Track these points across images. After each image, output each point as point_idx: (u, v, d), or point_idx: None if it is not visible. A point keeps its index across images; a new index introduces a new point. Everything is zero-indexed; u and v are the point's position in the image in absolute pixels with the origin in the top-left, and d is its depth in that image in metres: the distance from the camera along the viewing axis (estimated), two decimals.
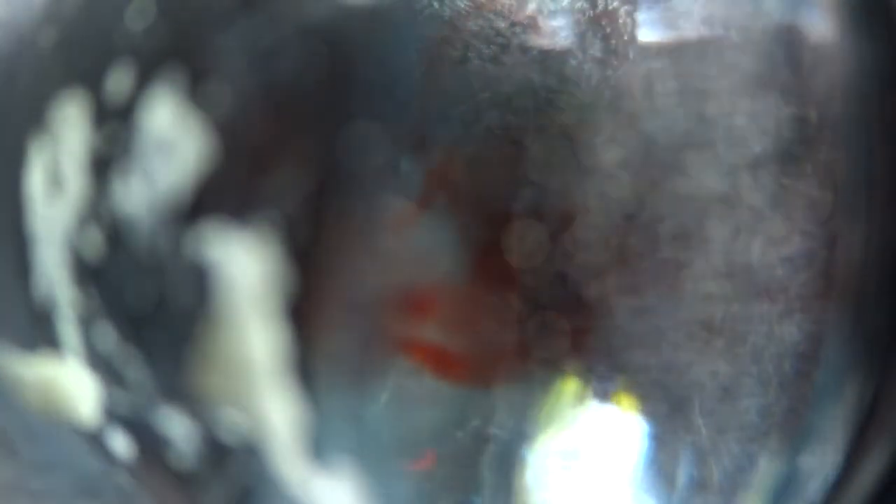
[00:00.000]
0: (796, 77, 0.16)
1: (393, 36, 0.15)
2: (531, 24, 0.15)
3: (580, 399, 0.15)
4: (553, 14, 0.15)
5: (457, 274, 0.15)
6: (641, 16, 0.16)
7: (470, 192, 0.15)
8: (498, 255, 0.15)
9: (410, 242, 0.15)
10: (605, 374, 0.15)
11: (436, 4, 0.15)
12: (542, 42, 0.15)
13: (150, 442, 0.16)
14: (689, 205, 0.15)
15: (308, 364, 0.15)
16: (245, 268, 0.15)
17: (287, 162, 0.15)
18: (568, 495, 0.16)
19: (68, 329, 0.17)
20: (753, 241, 0.15)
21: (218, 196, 0.15)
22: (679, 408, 0.16)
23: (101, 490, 0.19)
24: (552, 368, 0.15)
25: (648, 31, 0.16)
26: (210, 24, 0.16)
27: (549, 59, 0.15)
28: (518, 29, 0.15)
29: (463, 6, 0.15)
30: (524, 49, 0.15)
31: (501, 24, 0.15)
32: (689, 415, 0.16)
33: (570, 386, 0.15)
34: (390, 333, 0.15)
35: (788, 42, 0.16)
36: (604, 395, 0.15)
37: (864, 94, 0.16)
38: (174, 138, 0.15)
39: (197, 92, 0.15)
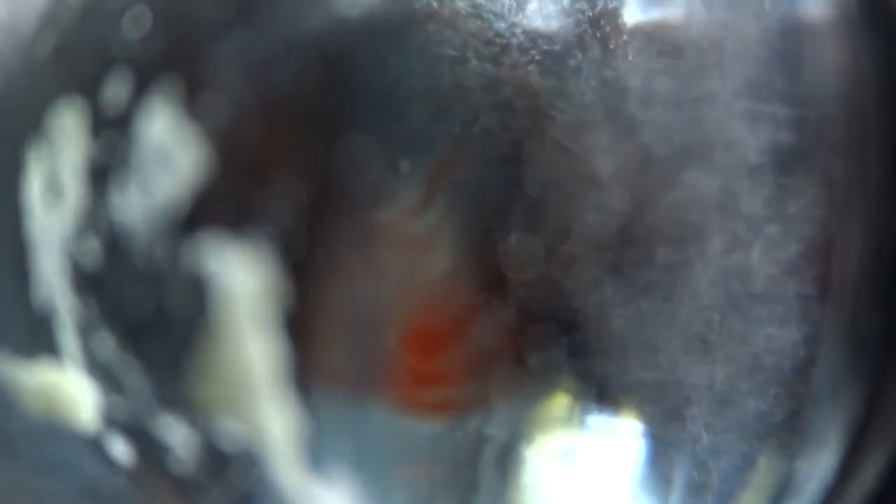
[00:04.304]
0: (794, 82, 0.16)
1: (389, 48, 0.15)
2: (530, 25, 0.15)
3: (578, 404, 0.15)
4: (553, 14, 0.15)
5: (453, 285, 0.15)
6: (640, 17, 0.16)
7: (467, 202, 0.15)
8: (494, 266, 0.15)
9: (406, 255, 0.15)
10: (602, 383, 0.15)
11: (435, 4, 0.15)
12: (542, 43, 0.15)
13: (149, 448, 0.17)
14: (685, 213, 0.15)
15: (305, 375, 0.15)
16: (242, 279, 0.15)
17: (283, 174, 0.15)
18: (567, 496, 0.16)
19: (67, 336, 0.17)
20: (751, 247, 0.15)
21: (214, 208, 0.15)
22: (677, 413, 0.16)
23: (102, 490, 0.19)
24: (549, 379, 0.15)
25: (647, 32, 0.16)
26: (206, 35, 0.16)
27: (549, 60, 0.15)
28: (517, 29, 0.15)
29: (462, 6, 0.15)
30: (523, 50, 0.15)
31: (501, 25, 0.15)
32: (688, 419, 0.16)
33: (567, 393, 0.15)
34: (386, 345, 0.15)
35: (786, 46, 0.16)
36: (602, 400, 0.16)
37: (861, 98, 0.16)
38: (171, 149, 0.15)
39: (193, 103, 0.15)
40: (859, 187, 0.16)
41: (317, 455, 0.15)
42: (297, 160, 0.15)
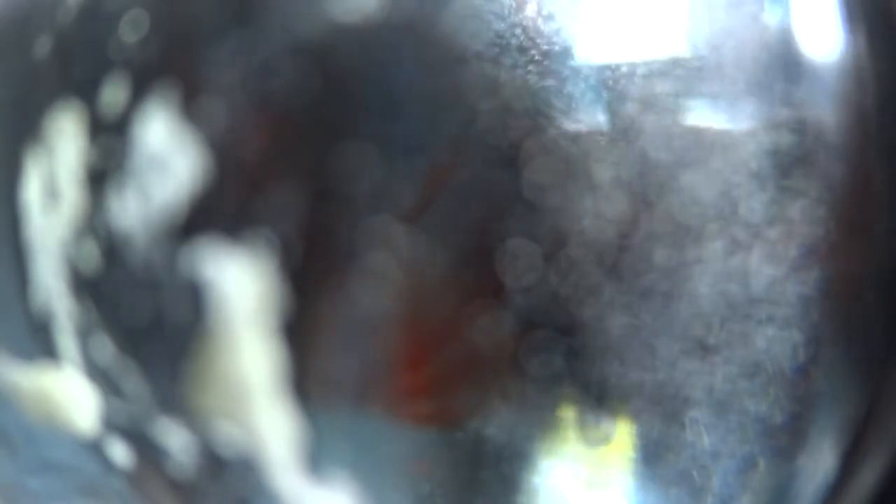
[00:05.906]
0: (794, 89, 0.16)
1: (387, 51, 0.15)
2: (530, 25, 0.15)
3: (578, 408, 0.15)
4: (552, 14, 0.15)
5: (450, 293, 0.15)
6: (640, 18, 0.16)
7: (465, 206, 0.15)
8: (492, 274, 0.15)
9: (403, 262, 0.15)
10: (601, 387, 0.15)
11: (432, 6, 0.15)
12: (541, 43, 0.15)
13: (148, 452, 0.17)
14: (684, 217, 0.15)
15: (303, 381, 0.15)
16: (240, 286, 0.15)
17: (281, 180, 0.15)
18: (566, 499, 0.16)
19: (66, 340, 0.17)
20: (750, 254, 0.15)
21: (212, 213, 0.15)
22: (677, 416, 0.16)
23: (102, 489, 0.19)
24: (547, 385, 0.15)
25: (647, 36, 0.15)
26: (204, 39, 0.15)
27: (548, 61, 0.15)
28: (517, 30, 0.15)
29: (461, 7, 0.15)
30: (523, 50, 0.15)
31: (500, 25, 0.15)
32: (688, 422, 0.16)
33: (566, 398, 0.15)
34: (384, 352, 0.15)
35: (786, 53, 0.16)
36: (601, 404, 0.16)
37: (861, 100, 0.16)
38: (168, 154, 0.15)
39: (191, 107, 0.15)
40: (859, 190, 0.16)
41: (316, 460, 0.15)
42: (295, 165, 0.15)
